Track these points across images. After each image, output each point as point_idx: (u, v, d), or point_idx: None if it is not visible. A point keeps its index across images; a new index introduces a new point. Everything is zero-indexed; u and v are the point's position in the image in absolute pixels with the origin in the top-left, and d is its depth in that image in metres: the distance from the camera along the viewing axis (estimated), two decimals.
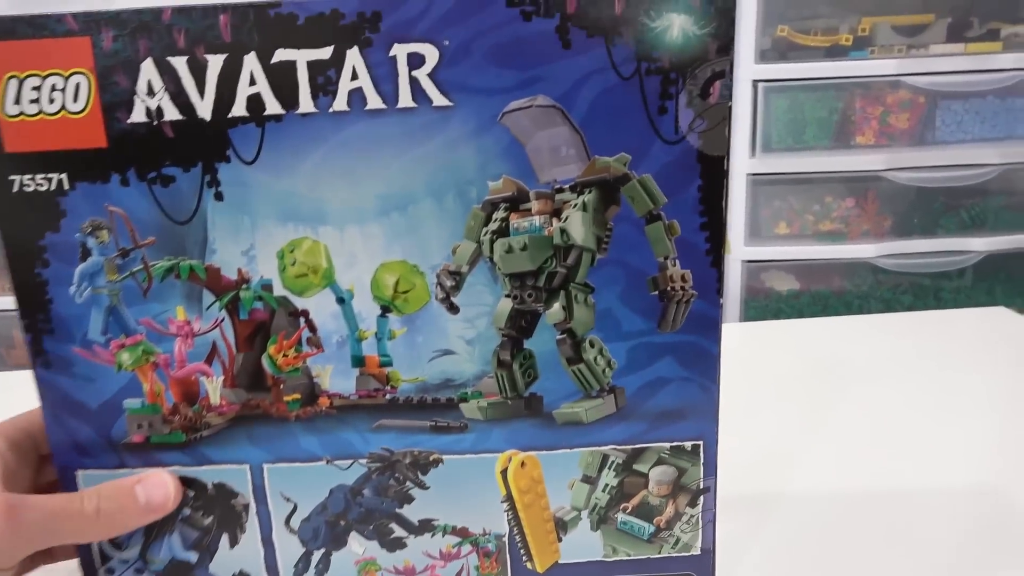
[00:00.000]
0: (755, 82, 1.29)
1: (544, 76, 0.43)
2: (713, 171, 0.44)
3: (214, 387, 0.49)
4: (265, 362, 0.48)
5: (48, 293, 0.47)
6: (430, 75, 0.43)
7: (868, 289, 1.31)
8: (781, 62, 1.30)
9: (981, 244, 1.31)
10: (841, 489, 0.62)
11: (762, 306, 1.34)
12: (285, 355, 0.48)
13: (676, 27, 0.42)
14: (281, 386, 0.48)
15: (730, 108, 0.43)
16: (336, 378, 0.46)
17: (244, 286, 0.47)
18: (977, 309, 0.98)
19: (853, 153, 1.29)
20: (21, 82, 0.43)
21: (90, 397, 0.48)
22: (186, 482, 0.49)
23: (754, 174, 1.29)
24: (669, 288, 0.46)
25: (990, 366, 0.79)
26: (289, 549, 0.48)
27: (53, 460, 0.49)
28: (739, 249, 1.32)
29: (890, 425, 0.71)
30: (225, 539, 0.51)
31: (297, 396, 0.49)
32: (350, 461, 0.49)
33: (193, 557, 0.50)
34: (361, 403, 0.48)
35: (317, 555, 0.51)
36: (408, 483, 0.49)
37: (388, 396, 0.46)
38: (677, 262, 0.46)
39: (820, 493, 0.62)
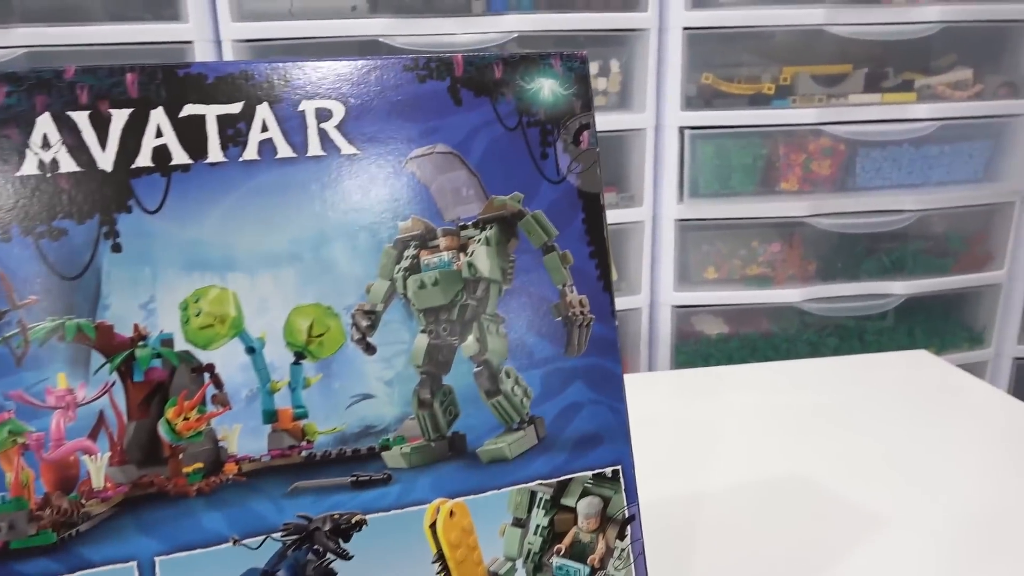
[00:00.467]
0: (682, 129, 1.10)
1: (441, 127, 0.41)
2: (593, 206, 0.38)
3: (97, 467, 0.35)
4: (162, 429, 0.33)
5: None
6: (337, 127, 0.39)
7: (795, 332, 1.15)
8: (706, 109, 1.10)
9: (901, 288, 1.15)
10: (768, 536, 0.51)
11: (692, 350, 1.14)
12: (186, 418, 0.37)
13: (547, 88, 0.43)
14: (180, 456, 0.32)
15: (598, 153, 0.44)
16: (245, 439, 0.33)
17: (141, 343, 0.33)
18: (899, 353, 0.82)
19: (778, 199, 1.11)
20: None
21: None
22: None
23: (682, 220, 1.10)
24: (571, 313, 0.38)
25: (912, 408, 0.68)
26: None
27: None
28: (668, 294, 1.11)
29: (817, 469, 0.60)
30: None
31: (199, 465, 0.32)
32: (262, 538, 0.32)
33: None
34: (274, 464, 0.33)
35: None
36: (329, 555, 0.38)
37: (304, 453, 0.33)
38: (574, 288, 0.43)
39: (745, 538, 0.51)
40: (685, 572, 0.49)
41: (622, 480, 0.37)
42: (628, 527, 0.37)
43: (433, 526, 0.34)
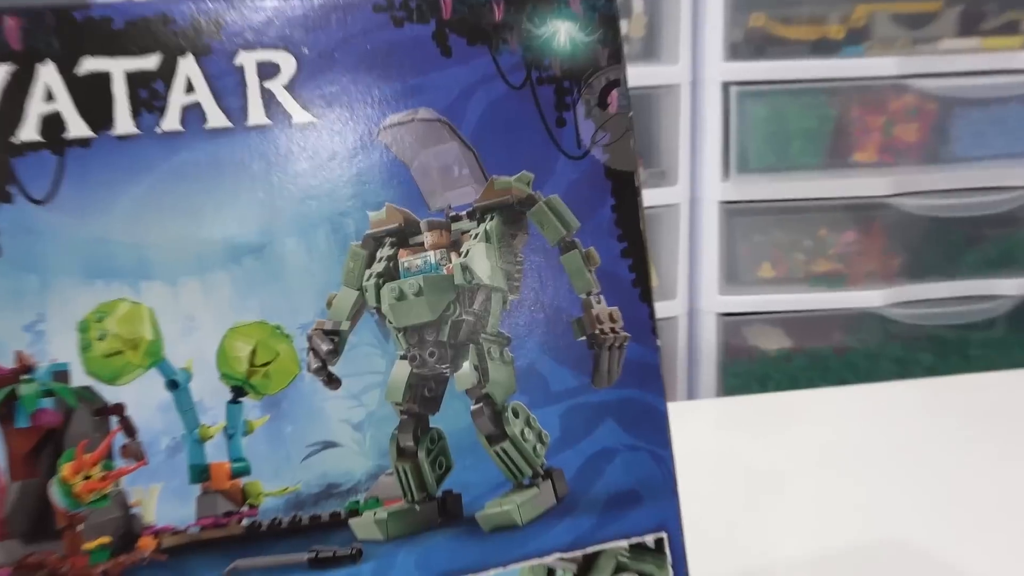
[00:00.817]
0: (725, 84, 1.01)
1: (425, 87, 0.38)
2: (625, 188, 0.35)
3: None
4: (55, 491, 0.33)
5: None
6: (287, 87, 0.36)
7: (877, 346, 1.04)
8: (757, 59, 1.01)
9: (1013, 287, 1.05)
10: None
11: (745, 371, 1.05)
12: (87, 477, 0.34)
13: (563, 33, 0.40)
14: (79, 527, 0.33)
15: (632, 119, 0.41)
16: (167, 503, 0.31)
17: (25, 376, 0.34)
18: (1014, 372, 0.75)
19: (851, 175, 1.01)
20: None
21: None
22: None
23: (728, 202, 1.02)
24: (598, 331, 0.35)
25: None
26: None
27: None
28: (712, 299, 1.02)
29: (917, 527, 0.56)
30: None
31: (105, 540, 0.32)
32: None
33: None
34: (204, 538, 0.32)
35: None
36: None
37: (245, 521, 0.31)
38: (602, 298, 0.40)
39: None
40: None
41: (667, 552, 0.35)
42: None
43: None
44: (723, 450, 0.41)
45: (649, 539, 0.35)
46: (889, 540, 0.58)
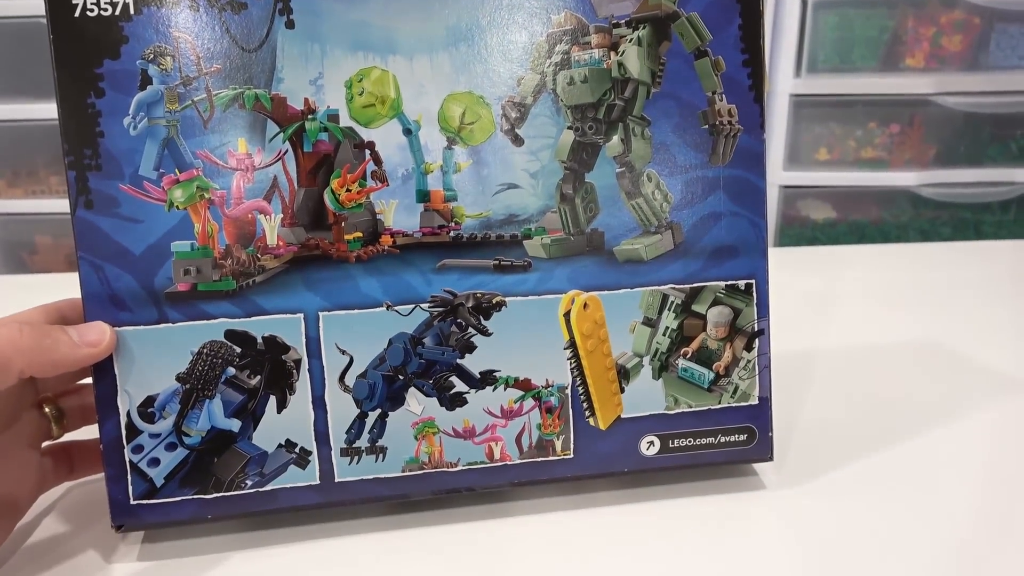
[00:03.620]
0: None
1: None
2: (751, 12, 0.42)
3: (271, 226, 0.45)
4: (327, 198, 0.41)
5: (99, 126, 0.39)
6: None
7: (907, 219, 1.18)
8: None
9: None
10: (877, 402, 0.57)
11: (797, 234, 1.21)
12: (348, 190, 0.46)
13: None
14: (343, 224, 0.41)
15: None
16: (400, 215, 0.41)
17: (310, 116, 0.40)
18: (1018, 241, 0.88)
19: (901, 76, 1.13)
20: None
21: (135, 240, 0.39)
22: (234, 337, 0.41)
23: (798, 95, 1.13)
24: (718, 122, 0.43)
25: None
26: (341, 412, 0.41)
27: (85, 316, 0.40)
28: (777, 174, 1.17)
29: (928, 349, 0.65)
30: (272, 403, 0.41)
31: (359, 234, 0.41)
32: (411, 306, 0.41)
33: (235, 426, 0.41)
34: (424, 241, 0.41)
35: (372, 417, 0.42)
36: (470, 329, 0.44)
37: (452, 233, 0.41)
38: (724, 97, 0.48)
39: (860, 381, 0.58)
40: (806, 391, 0.55)
41: (755, 294, 0.43)
42: (756, 340, 0.43)
43: (567, 315, 0.41)
44: (781, 283, 0.50)
45: (741, 283, 0.44)
46: (913, 341, 0.68)
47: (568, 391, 0.44)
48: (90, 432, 0.43)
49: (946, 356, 0.64)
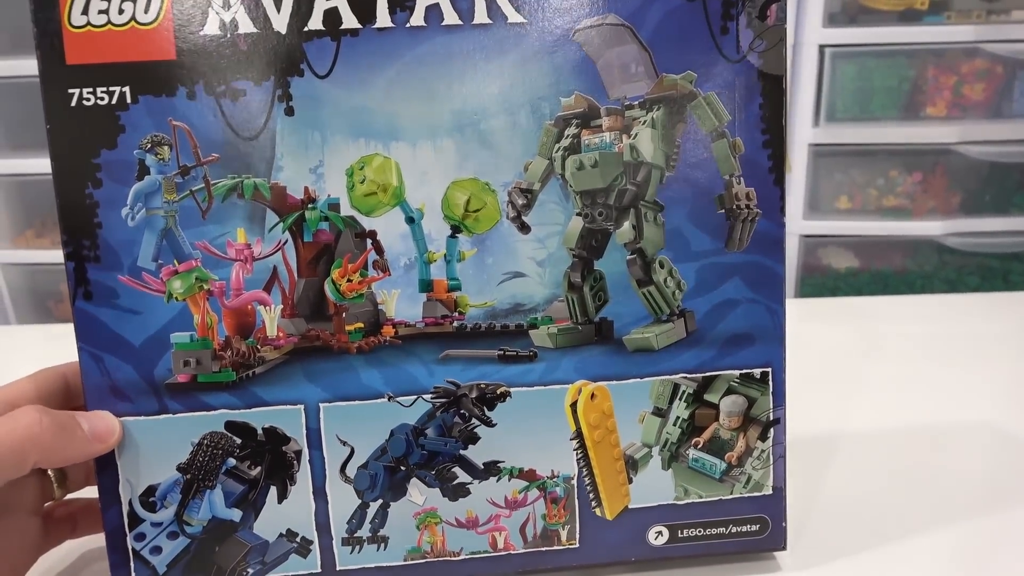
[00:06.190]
0: (822, 47, 1.11)
1: None
2: (774, 90, 0.39)
3: (271, 317, 0.42)
4: (328, 288, 0.39)
5: (97, 216, 0.38)
6: None
7: (932, 269, 1.15)
8: (851, 26, 1.10)
9: None
10: (896, 466, 0.54)
11: (818, 283, 1.17)
12: (349, 280, 0.43)
13: None
14: (344, 314, 0.39)
15: (785, 30, 0.43)
16: (402, 304, 0.40)
17: (310, 205, 0.38)
18: None
19: (923, 125, 1.11)
20: None
21: (134, 332, 0.38)
22: (234, 428, 0.39)
23: (817, 144, 1.12)
24: (735, 206, 0.40)
25: None
26: (343, 502, 0.40)
27: (86, 406, 0.38)
28: (797, 223, 1.15)
29: (954, 407, 0.61)
30: (273, 493, 0.40)
31: (360, 325, 0.39)
32: (414, 397, 0.39)
33: (236, 515, 0.39)
34: (427, 331, 0.40)
35: (373, 507, 0.40)
36: (474, 420, 0.43)
37: (456, 323, 0.40)
38: (742, 180, 0.44)
39: (878, 467, 0.54)
40: (826, 464, 0.51)
41: (771, 382, 0.40)
42: (771, 429, 0.40)
43: (574, 406, 0.38)
44: (800, 339, 0.46)
45: (756, 371, 0.40)
46: (934, 407, 0.63)
47: (574, 481, 0.41)
48: (93, 491, 0.41)
49: (980, 423, 0.59)
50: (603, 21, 0.39)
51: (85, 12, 0.37)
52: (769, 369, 0.42)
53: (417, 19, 0.38)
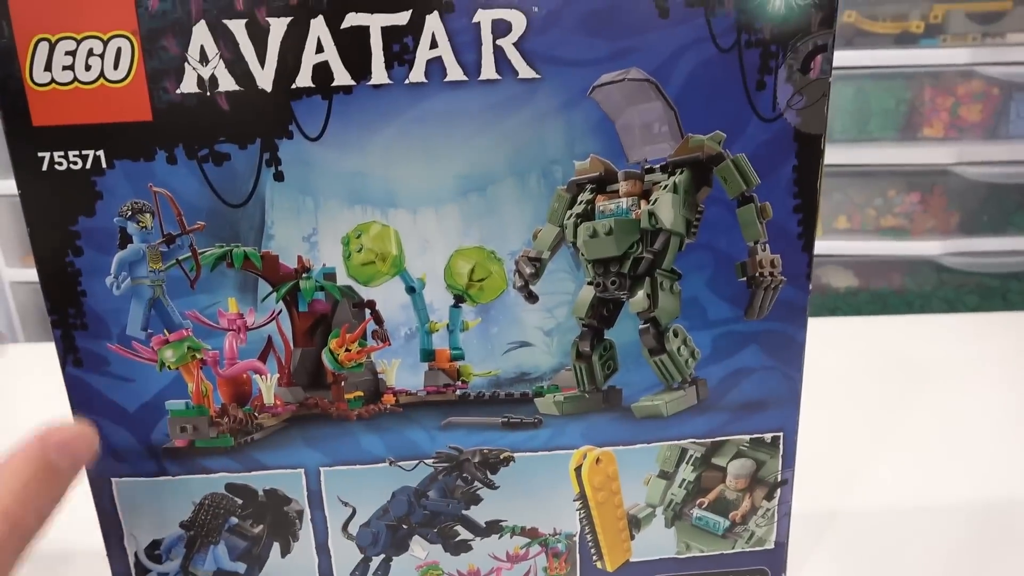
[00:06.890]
0: None
1: (638, 47, 0.34)
2: (809, 151, 0.35)
3: (268, 386, 0.41)
4: (325, 358, 0.37)
5: (80, 285, 0.35)
6: (516, 44, 0.33)
7: (931, 288, 1.16)
8: (847, 49, 1.12)
9: None
10: (900, 489, 0.53)
11: (818, 303, 1.18)
12: (348, 350, 0.41)
13: None
14: (342, 383, 0.38)
15: (829, 84, 0.38)
16: (403, 373, 0.38)
17: (304, 275, 0.36)
18: None
19: (920, 146, 1.13)
20: (52, 46, 0.32)
21: (128, 399, 0.37)
22: (234, 490, 0.39)
23: None
24: (758, 274, 0.37)
25: None
26: (345, 555, 0.40)
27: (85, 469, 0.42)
28: None
29: (955, 429, 0.60)
30: (276, 548, 0.40)
31: (360, 394, 0.38)
32: (415, 462, 0.39)
33: (241, 568, 0.40)
34: (429, 400, 0.38)
35: (376, 561, 0.40)
36: (476, 483, 0.43)
37: (459, 392, 0.38)
38: (767, 246, 0.38)
39: (879, 492, 0.54)
40: (816, 502, 0.51)
41: (781, 447, 0.38)
42: (778, 489, 0.39)
43: (578, 470, 0.37)
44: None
45: (767, 436, 0.39)
46: (936, 433, 0.62)
47: (576, 538, 0.40)
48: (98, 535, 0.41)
49: (978, 444, 0.58)
50: (624, 76, 0.35)
51: (48, 68, 0.33)
52: (781, 434, 0.40)
53: (417, 75, 0.34)
